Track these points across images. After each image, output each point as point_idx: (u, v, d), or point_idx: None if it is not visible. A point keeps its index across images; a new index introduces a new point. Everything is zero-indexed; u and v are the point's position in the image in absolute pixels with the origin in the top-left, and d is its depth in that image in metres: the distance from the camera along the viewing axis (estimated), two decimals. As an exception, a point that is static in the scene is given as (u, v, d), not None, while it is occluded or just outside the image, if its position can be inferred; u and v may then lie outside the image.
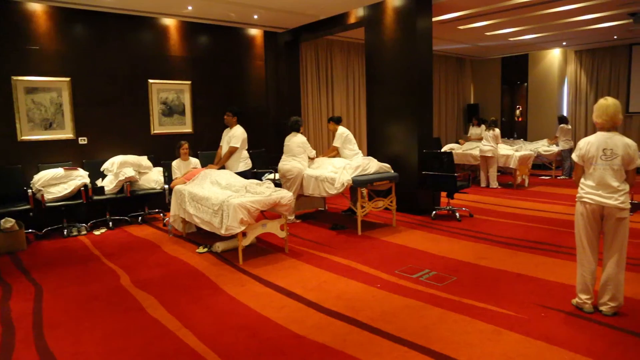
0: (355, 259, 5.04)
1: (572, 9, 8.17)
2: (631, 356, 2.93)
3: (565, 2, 7.70)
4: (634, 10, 8.38)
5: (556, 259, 4.85)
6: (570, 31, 10.12)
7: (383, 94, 7.36)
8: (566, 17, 8.75)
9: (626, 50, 11.92)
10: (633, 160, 3.36)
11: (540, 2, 7.61)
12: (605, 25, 9.51)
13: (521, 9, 8.07)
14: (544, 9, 8.14)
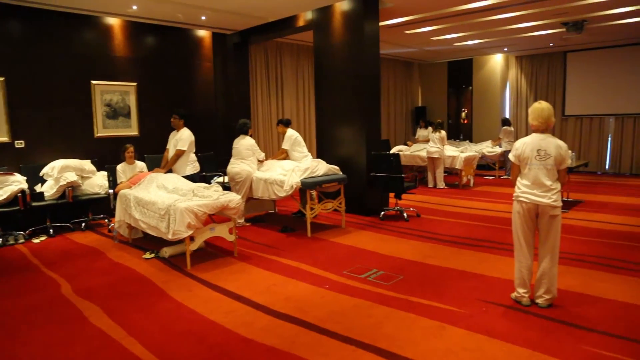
0: (304, 260, 5.07)
1: (511, 17, 8.54)
2: (563, 343, 3.10)
3: (504, 10, 8.04)
4: (566, 19, 8.86)
5: (498, 256, 5.05)
6: (511, 38, 10.58)
7: (332, 96, 7.44)
8: (506, 24, 9.14)
9: (562, 57, 12.56)
10: (564, 160, 3.55)
11: (482, 9, 7.91)
12: (542, 33, 10.00)
13: (464, 15, 8.36)
14: (485, 16, 8.47)
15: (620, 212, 7.16)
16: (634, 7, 7.98)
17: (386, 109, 13.61)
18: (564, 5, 7.80)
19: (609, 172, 12.15)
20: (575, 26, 9.04)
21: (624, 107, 11.75)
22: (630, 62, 11.52)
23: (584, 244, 5.49)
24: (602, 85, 11.97)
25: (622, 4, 7.76)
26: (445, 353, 3.02)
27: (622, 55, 11.62)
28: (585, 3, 7.64)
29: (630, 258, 4.91)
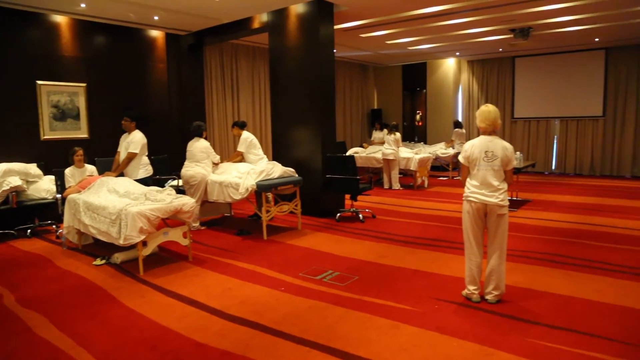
0: (260, 263, 5.05)
1: (462, 23, 8.80)
2: (510, 337, 3.23)
3: (455, 16, 8.29)
4: (514, 26, 9.21)
5: (450, 254, 5.19)
6: (462, 43, 10.90)
7: (287, 98, 7.45)
8: (457, 29, 9.41)
9: (510, 62, 13.04)
10: (510, 161, 3.70)
11: (434, 14, 8.12)
12: (491, 38, 10.35)
13: (417, 20, 8.56)
14: (437, 21, 8.69)
15: (565, 210, 7.49)
16: (575, 17, 8.38)
17: (342, 111, 13.74)
18: (511, 13, 8.11)
19: (555, 172, 12.69)
20: (522, 33, 9.42)
21: (569, 110, 12.31)
22: (573, 68, 12.10)
23: (531, 241, 5.72)
24: (548, 90, 12.51)
25: (565, 13, 8.14)
26: (397, 351, 3.08)
27: (566, 61, 12.19)
28: (531, 11, 7.97)
29: (572, 254, 5.16)
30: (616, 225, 6.48)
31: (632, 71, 11.45)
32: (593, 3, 7.51)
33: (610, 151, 11.96)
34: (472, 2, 7.37)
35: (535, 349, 3.06)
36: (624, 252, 5.22)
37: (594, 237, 5.87)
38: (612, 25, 9.20)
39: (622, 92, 11.61)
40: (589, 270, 4.61)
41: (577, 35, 10.17)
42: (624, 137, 11.69)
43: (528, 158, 12.63)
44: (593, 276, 4.45)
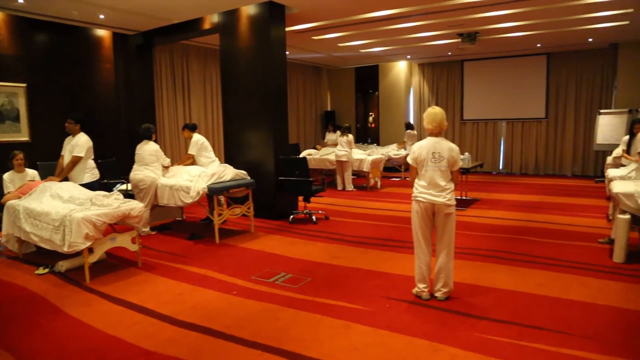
0: (212, 267, 4.98)
1: (412, 27, 9.00)
2: (457, 332, 3.33)
3: (405, 20, 8.46)
4: (461, 31, 9.49)
5: (401, 254, 5.29)
6: (412, 46, 11.13)
7: (239, 100, 7.38)
8: (407, 33, 9.61)
9: (459, 65, 13.43)
10: (456, 162, 3.80)
11: (384, 18, 8.25)
12: (440, 42, 10.62)
13: (368, 23, 8.68)
14: (387, 25, 8.84)
15: (511, 209, 7.78)
16: (519, 23, 8.73)
17: (296, 113, 13.75)
18: (458, 18, 8.35)
19: (503, 172, 13.16)
20: (469, 37, 9.72)
21: (514, 112, 12.81)
22: (518, 72, 12.60)
23: (479, 239, 5.91)
24: (495, 92, 12.97)
25: (509, 19, 8.46)
26: (349, 350, 3.11)
27: (511, 65, 12.67)
28: (477, 17, 8.24)
29: (517, 250, 5.36)
30: (557, 221, 6.79)
31: (571, 75, 12.03)
32: (535, 11, 7.85)
33: (552, 151, 12.52)
34: (421, 6, 7.54)
35: (482, 343, 3.16)
36: (564, 247, 5.48)
37: (536, 234, 6.12)
38: (553, 32, 9.65)
39: (563, 95, 12.19)
40: (532, 265, 4.81)
41: (521, 41, 10.59)
42: (565, 138, 12.27)
43: (477, 158, 13.04)
44: (535, 271, 4.65)
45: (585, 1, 7.38)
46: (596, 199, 8.53)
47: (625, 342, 3.16)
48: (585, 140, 12.04)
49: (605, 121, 10.87)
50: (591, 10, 7.99)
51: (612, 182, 5.71)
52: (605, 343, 3.15)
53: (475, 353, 3.03)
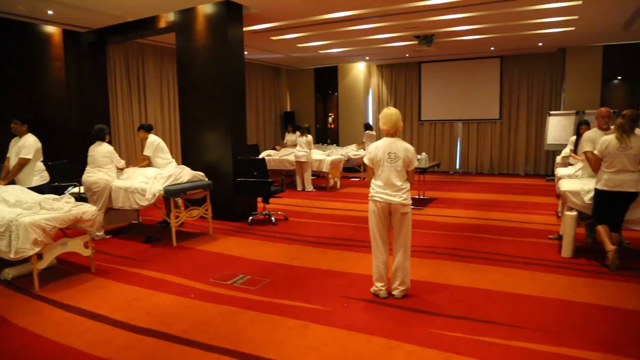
0: (169, 271, 4.88)
1: (370, 28, 9.09)
2: (414, 329, 3.38)
3: (362, 21, 8.53)
4: (418, 33, 9.66)
5: (359, 253, 5.33)
6: (371, 47, 11.25)
7: (196, 101, 7.27)
8: (365, 34, 9.70)
9: (417, 67, 13.68)
10: (412, 162, 3.87)
11: (341, 19, 8.30)
12: (398, 44, 10.79)
13: (326, 24, 8.71)
14: (345, 26, 8.90)
15: (467, 207, 7.97)
16: (473, 26, 8.97)
17: (255, 113, 13.67)
18: (415, 21, 8.50)
19: (459, 171, 13.48)
20: (425, 40, 9.90)
21: (470, 113, 13.15)
22: (473, 74, 12.94)
23: (436, 237, 6.03)
24: (452, 94, 13.27)
25: (463, 22, 8.67)
26: (307, 350, 3.11)
27: (466, 68, 13.01)
28: (433, 19, 8.41)
29: (472, 247, 5.51)
30: (510, 219, 7.01)
31: (523, 78, 12.46)
32: (488, 15, 8.08)
33: (506, 151, 12.93)
34: (378, 8, 7.63)
35: (438, 339, 3.23)
36: (516, 243, 5.66)
37: (491, 231, 6.30)
38: (505, 36, 9.96)
39: (515, 97, 12.61)
40: (486, 262, 4.94)
41: (475, 44, 10.88)
42: (518, 138, 12.70)
43: (434, 158, 13.31)
44: (490, 267, 4.78)
45: (534, 7, 7.65)
46: (547, 197, 8.85)
47: (572, 333, 3.29)
48: (536, 141, 12.49)
49: (554, 122, 11.31)
50: (540, 16, 8.30)
51: (560, 180, 5.94)
52: (553, 334, 3.27)
53: (431, 349, 3.09)
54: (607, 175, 4.68)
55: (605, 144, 4.68)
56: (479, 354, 3.01)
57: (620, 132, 4.61)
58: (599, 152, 4.75)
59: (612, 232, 4.75)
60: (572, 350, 3.05)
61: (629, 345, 3.12)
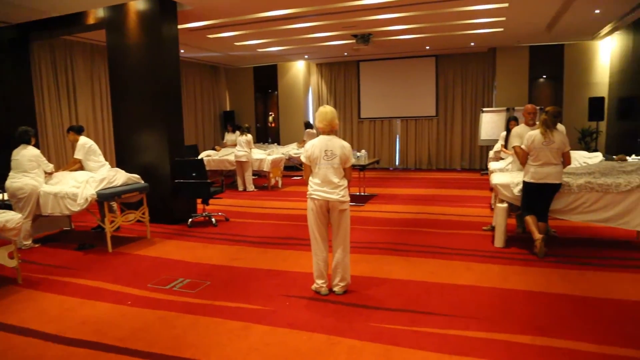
0: (104, 278, 4.68)
1: (307, 27, 9.12)
2: (355, 324, 3.43)
3: (300, 20, 8.55)
4: (355, 32, 9.80)
5: (301, 251, 5.34)
6: (309, 46, 11.30)
7: (130, 100, 7.01)
8: (303, 33, 9.73)
9: (355, 65, 13.86)
10: (349, 159, 3.91)
11: (278, 18, 8.28)
12: (336, 43, 10.89)
13: (263, 22, 8.65)
14: (283, 25, 8.88)
15: (406, 202, 8.18)
16: (407, 26, 9.20)
17: (193, 113, 13.39)
18: (352, 20, 8.61)
19: (399, 168, 13.81)
20: (363, 38, 10.06)
21: (408, 110, 13.49)
22: (410, 72, 13.28)
23: (375, 232, 6.14)
24: (390, 92, 13.56)
25: (398, 22, 8.88)
26: (249, 351, 3.08)
27: (404, 66, 13.33)
28: (370, 19, 8.55)
29: (411, 241, 5.65)
30: (447, 212, 7.26)
31: (457, 76, 12.93)
32: (422, 15, 8.31)
33: (443, 147, 13.37)
34: (315, 7, 7.67)
35: (378, 332, 3.29)
36: (452, 236, 5.87)
37: (429, 225, 6.49)
38: (439, 36, 10.30)
39: (450, 94, 13.06)
40: (424, 255, 5.09)
41: (411, 43, 11.17)
42: (453, 134, 13.17)
43: (374, 155, 13.56)
44: (427, 260, 4.93)
45: (465, 8, 7.96)
46: (481, 190, 9.24)
47: (503, 318, 3.46)
48: (471, 136, 13.00)
49: (487, 118, 11.81)
50: (471, 17, 8.64)
51: (492, 174, 6.22)
52: (486, 321, 3.42)
53: (372, 342, 3.14)
54: (534, 168, 4.94)
55: (531, 139, 4.94)
56: (417, 345, 3.10)
57: (544, 128, 4.88)
58: (525, 146, 5.01)
59: (539, 221, 5.02)
60: (504, 334, 3.20)
61: (555, 327, 3.31)
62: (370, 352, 3.03)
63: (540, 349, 3.01)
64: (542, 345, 3.05)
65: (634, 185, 4.85)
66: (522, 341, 3.11)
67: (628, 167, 5.18)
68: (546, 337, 3.16)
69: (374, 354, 3.00)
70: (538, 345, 3.06)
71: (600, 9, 8.14)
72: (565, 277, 4.32)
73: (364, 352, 3.04)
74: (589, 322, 3.38)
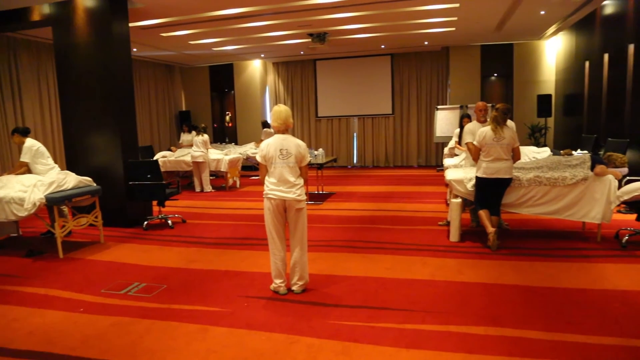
0: (55, 285, 4.51)
1: (263, 26, 9.07)
2: (313, 322, 3.44)
3: (255, 18, 8.49)
4: (311, 31, 9.81)
5: (259, 251, 5.30)
6: (265, 45, 11.24)
7: (80, 101, 6.77)
8: (258, 32, 9.67)
9: (312, 64, 13.89)
10: (304, 157, 3.92)
11: (233, 16, 8.19)
12: (292, 42, 10.88)
13: (218, 21, 8.55)
14: (238, 23, 8.80)
15: (364, 200, 8.26)
16: (362, 25, 9.29)
17: (148, 114, 13.08)
18: (307, 18, 8.62)
19: (357, 166, 13.94)
20: (319, 37, 10.09)
21: (365, 109, 13.63)
22: (367, 71, 13.44)
23: (334, 230, 6.17)
24: (347, 90, 13.68)
25: (353, 21, 8.95)
26: (206, 354, 3.04)
27: (360, 65, 13.46)
28: (325, 18, 8.59)
29: (368, 238, 5.72)
30: (404, 209, 7.38)
31: (412, 75, 13.17)
32: (376, 14, 8.41)
33: (400, 144, 13.59)
34: (269, 6, 7.64)
35: (336, 329, 3.31)
36: (409, 231, 5.97)
37: (386, 221, 6.58)
38: (393, 35, 10.45)
39: (406, 93, 13.29)
40: (381, 251, 5.16)
41: (367, 42, 11.29)
42: (410, 132, 13.40)
43: (332, 153, 13.64)
44: (385, 256, 5.00)
45: (418, 8, 8.11)
46: (438, 186, 9.44)
47: (458, 311, 3.55)
48: (427, 134, 13.27)
49: (442, 116, 12.08)
50: (424, 17, 8.81)
51: (446, 170, 6.37)
52: (442, 314, 3.50)
53: (330, 340, 3.16)
54: (485, 164, 5.08)
55: (482, 135, 5.09)
56: (375, 340, 3.14)
57: (495, 124, 5.04)
58: (477, 142, 5.15)
59: (492, 215, 5.18)
60: (459, 327, 3.29)
61: (507, 316, 3.42)
62: (328, 350, 3.04)
63: (493, 338, 3.11)
64: (495, 335, 3.15)
65: (579, 179, 5.08)
66: (476, 332, 3.20)
67: (573, 161, 5.41)
68: (499, 327, 3.26)
69: (332, 351, 3.02)
70: (491, 335, 3.15)
71: (545, 10, 8.47)
72: (516, 268, 4.48)
73: (322, 349, 3.05)
74: (539, 311, 3.51)
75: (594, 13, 8.61)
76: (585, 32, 9.31)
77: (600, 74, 8.25)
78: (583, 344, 2.99)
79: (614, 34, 7.81)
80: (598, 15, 8.48)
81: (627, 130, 7.17)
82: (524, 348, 2.97)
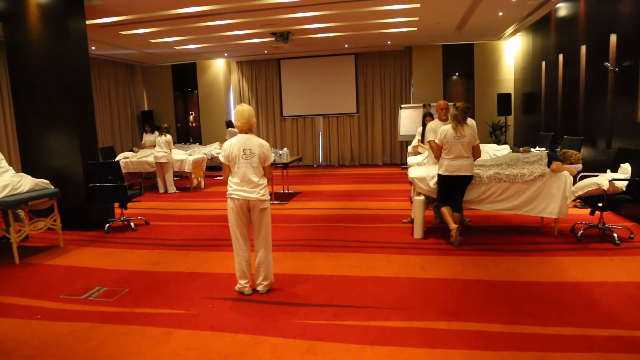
0: (10, 292, 4.35)
1: (225, 24, 8.99)
2: (279, 322, 3.44)
3: (216, 17, 8.40)
4: (274, 30, 9.78)
5: (223, 252, 5.25)
6: (228, 44, 11.14)
7: (35, 101, 6.54)
8: (221, 31, 9.57)
9: (276, 63, 13.85)
10: (268, 157, 3.91)
11: (194, 15, 8.09)
12: (255, 41, 10.82)
13: (179, 19, 8.42)
14: (200, 22, 8.69)
15: (329, 199, 8.30)
16: (327, 24, 9.32)
17: (109, 114, 12.77)
18: (270, 17, 8.59)
19: (323, 165, 13.98)
20: (282, 36, 10.07)
21: (329, 108, 13.69)
22: (331, 70, 13.49)
23: (299, 230, 6.18)
24: (311, 89, 13.70)
25: (316, 20, 8.97)
26: (170, 357, 3.00)
27: (324, 64, 13.51)
28: (288, 17, 8.58)
29: (334, 237, 5.75)
30: (369, 207, 7.45)
31: (376, 74, 13.29)
32: (339, 14, 8.46)
33: (365, 143, 13.70)
34: (232, 4, 7.57)
35: (301, 329, 3.32)
36: (374, 229, 6.04)
37: (351, 220, 6.63)
38: (356, 34, 10.53)
39: (370, 92, 13.41)
40: (346, 250, 5.20)
41: (330, 41, 11.34)
42: (374, 130, 13.53)
43: (298, 153, 13.64)
44: (350, 254, 5.03)
45: (380, 8, 8.19)
46: (402, 184, 9.57)
47: (421, 307, 3.61)
48: (391, 132, 13.43)
49: (405, 114, 12.25)
50: (386, 17, 8.91)
51: (410, 168, 6.46)
52: (405, 310, 3.56)
53: (295, 339, 3.17)
54: (447, 162, 5.18)
55: (443, 133, 5.19)
56: (340, 338, 3.16)
57: (455, 123, 5.14)
58: (439, 140, 5.25)
59: (455, 212, 5.29)
60: (422, 322, 3.35)
61: (469, 311, 3.50)
62: (294, 349, 3.05)
63: (456, 333, 3.18)
64: (458, 330, 3.22)
65: (537, 175, 5.25)
66: (439, 327, 3.27)
67: (531, 158, 5.58)
68: (461, 321, 3.34)
69: (297, 350, 3.02)
70: (454, 330, 3.23)
71: (503, 12, 8.70)
72: (478, 263, 4.59)
73: (288, 349, 3.05)
74: (499, 304, 3.61)
75: (549, 15, 8.91)
76: (541, 33, 9.62)
77: (556, 74, 8.54)
78: (541, 335, 3.09)
79: (568, 36, 8.10)
80: (553, 17, 8.78)
81: (581, 128, 7.46)
82: (485, 341, 3.05)
